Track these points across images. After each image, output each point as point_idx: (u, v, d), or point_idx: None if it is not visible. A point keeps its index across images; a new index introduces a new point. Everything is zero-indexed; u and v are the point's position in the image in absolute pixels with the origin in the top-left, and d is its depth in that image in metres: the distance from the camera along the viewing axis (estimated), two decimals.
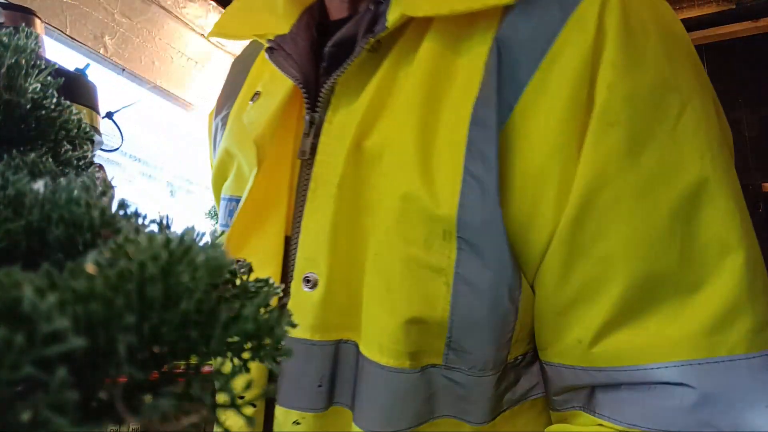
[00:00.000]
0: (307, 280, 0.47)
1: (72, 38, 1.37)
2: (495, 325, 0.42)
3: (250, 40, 0.70)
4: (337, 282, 0.46)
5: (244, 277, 0.21)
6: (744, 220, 0.42)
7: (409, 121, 0.45)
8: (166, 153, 2.09)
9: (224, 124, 0.67)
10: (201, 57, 1.73)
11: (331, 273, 0.46)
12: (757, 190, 1.72)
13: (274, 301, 0.20)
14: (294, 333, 0.44)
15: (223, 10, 1.80)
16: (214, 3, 1.79)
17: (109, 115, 1.41)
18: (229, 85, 0.72)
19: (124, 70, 1.50)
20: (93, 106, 1.19)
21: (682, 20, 1.99)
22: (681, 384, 0.38)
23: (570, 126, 0.41)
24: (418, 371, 0.44)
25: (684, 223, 0.40)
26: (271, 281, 0.21)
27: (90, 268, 0.16)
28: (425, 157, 0.43)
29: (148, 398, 0.16)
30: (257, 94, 0.58)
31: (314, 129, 0.52)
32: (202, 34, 1.74)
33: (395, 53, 0.48)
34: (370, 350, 0.45)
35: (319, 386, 0.47)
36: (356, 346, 0.47)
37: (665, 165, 0.40)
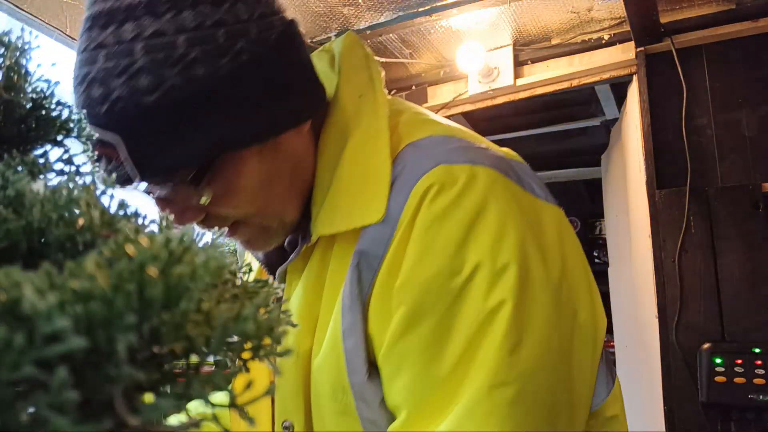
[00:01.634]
0: (286, 427, 0.63)
1: (72, 38, 1.37)
2: None
3: None
4: (308, 425, 0.63)
5: (244, 277, 0.21)
6: (490, 377, 0.51)
7: (326, 308, 0.61)
8: None
9: None
10: None
11: (302, 420, 0.62)
12: (757, 190, 1.72)
13: None
14: None
15: None
16: None
17: None
18: None
19: None
20: None
21: (682, 20, 1.97)
22: None
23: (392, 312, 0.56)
24: None
25: (449, 374, 0.52)
26: (270, 281, 0.21)
27: (90, 268, 0.16)
28: (325, 337, 0.60)
29: (148, 398, 0.16)
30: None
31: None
32: None
33: (319, 252, 0.64)
34: None
35: None
36: None
37: (437, 335, 0.53)
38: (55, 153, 0.28)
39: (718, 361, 1.59)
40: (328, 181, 0.63)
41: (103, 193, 0.22)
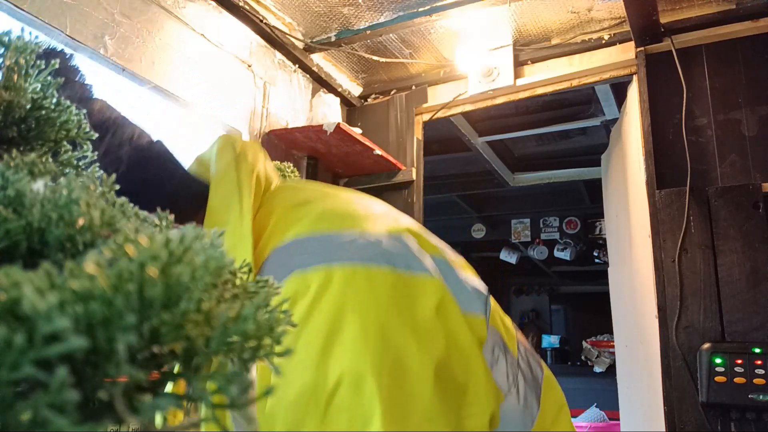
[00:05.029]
0: None
1: (72, 38, 1.37)
2: None
3: None
4: None
5: (244, 277, 0.21)
6: None
7: None
8: None
9: None
10: (201, 57, 1.73)
11: None
12: (757, 190, 1.72)
13: None
14: None
15: (223, 11, 1.80)
16: (214, 3, 1.79)
17: None
18: None
19: (124, 70, 1.50)
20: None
21: (682, 20, 1.97)
22: None
23: None
24: None
25: None
26: (270, 281, 0.21)
27: (90, 268, 0.16)
28: None
29: (148, 398, 0.16)
30: None
31: None
32: (202, 34, 1.74)
33: None
34: None
35: None
36: None
37: None
38: (55, 153, 0.28)
39: (718, 361, 1.59)
40: None
41: (103, 193, 0.22)
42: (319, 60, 2.23)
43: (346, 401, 0.50)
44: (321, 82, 2.25)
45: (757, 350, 1.57)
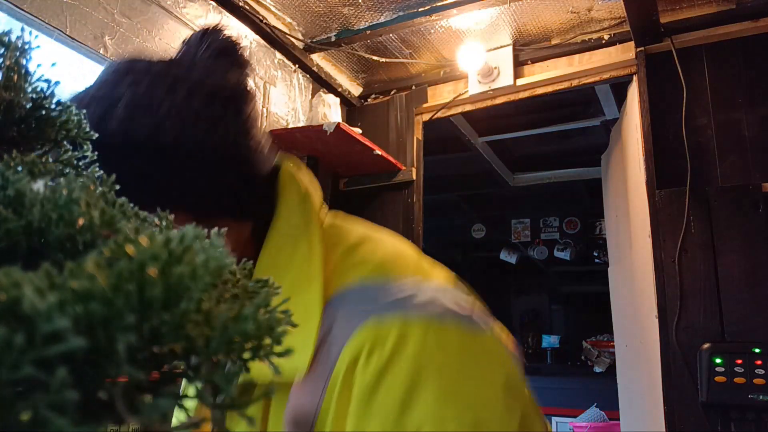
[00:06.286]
0: None
1: (72, 38, 1.37)
2: None
3: None
4: None
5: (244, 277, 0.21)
6: None
7: None
8: None
9: None
10: None
11: None
12: (757, 190, 1.72)
13: None
14: None
15: (224, 11, 1.80)
16: (214, 3, 1.79)
17: None
18: None
19: None
20: None
21: (682, 20, 1.96)
22: None
23: None
24: None
25: None
26: (271, 281, 0.21)
27: (90, 268, 0.16)
28: None
29: (148, 398, 0.16)
30: None
31: None
32: None
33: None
34: None
35: None
36: None
37: None
38: (55, 153, 0.28)
39: (718, 361, 1.59)
40: None
41: (104, 193, 0.22)
42: (319, 60, 2.23)
43: None
44: (321, 82, 2.25)
45: (757, 350, 1.57)
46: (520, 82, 2.13)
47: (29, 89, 0.27)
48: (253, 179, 0.65)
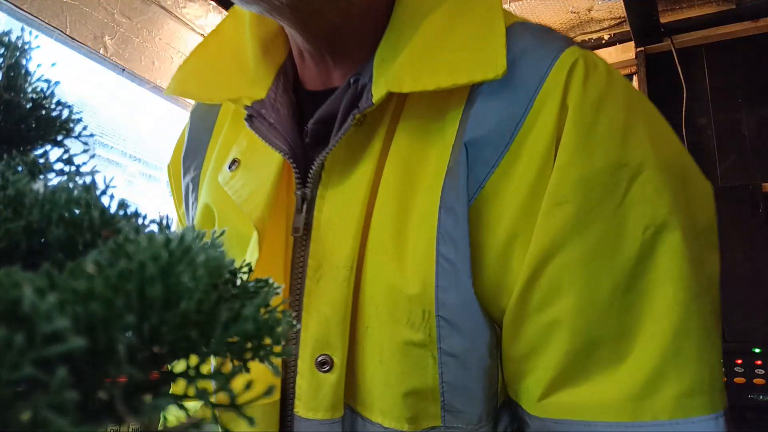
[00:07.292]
0: (322, 363, 0.48)
1: (72, 38, 1.37)
2: (482, 384, 0.46)
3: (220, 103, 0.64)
4: (350, 362, 0.48)
5: (244, 278, 0.21)
6: (684, 289, 0.43)
7: (387, 208, 0.48)
8: (166, 153, 2.09)
9: (195, 186, 0.64)
10: None
11: (345, 354, 0.47)
12: (757, 190, 1.72)
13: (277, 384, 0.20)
14: (313, 415, 0.47)
15: (223, 11, 1.80)
16: (214, 3, 1.79)
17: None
18: (192, 141, 0.68)
19: (124, 70, 1.50)
20: None
21: (682, 20, 1.97)
22: None
23: (532, 205, 0.45)
24: None
25: (623, 293, 0.43)
26: (271, 281, 0.21)
27: (90, 268, 0.16)
28: (400, 241, 0.47)
29: (148, 398, 0.16)
30: (235, 161, 0.56)
31: (306, 205, 0.51)
32: (202, 34, 1.74)
33: (381, 129, 0.50)
34: (372, 414, 0.48)
35: None
36: (359, 414, 0.49)
37: (608, 240, 0.44)
38: (55, 153, 0.28)
39: None
40: (411, 24, 0.49)
41: (103, 193, 0.22)
42: None
43: (653, 184, 0.45)
44: None
45: (757, 350, 1.57)
46: None
47: (29, 89, 0.27)
48: None
